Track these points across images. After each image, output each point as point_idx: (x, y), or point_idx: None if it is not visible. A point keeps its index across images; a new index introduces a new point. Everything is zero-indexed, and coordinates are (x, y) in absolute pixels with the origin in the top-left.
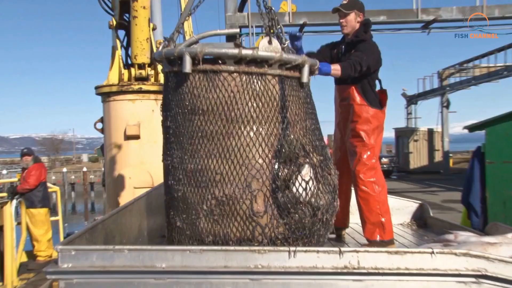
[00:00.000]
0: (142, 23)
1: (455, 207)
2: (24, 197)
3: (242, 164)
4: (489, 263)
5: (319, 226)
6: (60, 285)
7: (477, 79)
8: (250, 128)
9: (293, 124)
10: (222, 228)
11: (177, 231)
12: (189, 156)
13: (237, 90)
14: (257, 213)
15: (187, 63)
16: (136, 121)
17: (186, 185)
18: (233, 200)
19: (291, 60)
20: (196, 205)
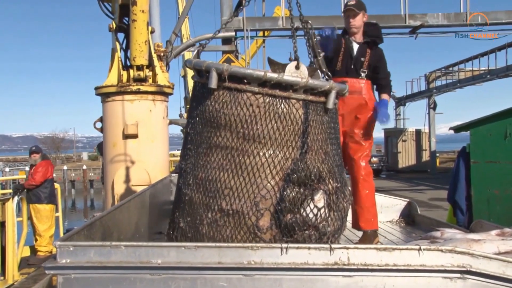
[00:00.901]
0: (141, 26)
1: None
2: (32, 193)
3: (254, 182)
4: (473, 259)
5: None
6: (58, 280)
7: (462, 82)
8: (267, 149)
9: (312, 149)
10: (224, 238)
11: (179, 232)
12: (201, 164)
13: (258, 111)
14: (261, 229)
15: (213, 79)
16: (134, 121)
17: (195, 191)
18: (239, 215)
19: (317, 86)
20: (201, 212)
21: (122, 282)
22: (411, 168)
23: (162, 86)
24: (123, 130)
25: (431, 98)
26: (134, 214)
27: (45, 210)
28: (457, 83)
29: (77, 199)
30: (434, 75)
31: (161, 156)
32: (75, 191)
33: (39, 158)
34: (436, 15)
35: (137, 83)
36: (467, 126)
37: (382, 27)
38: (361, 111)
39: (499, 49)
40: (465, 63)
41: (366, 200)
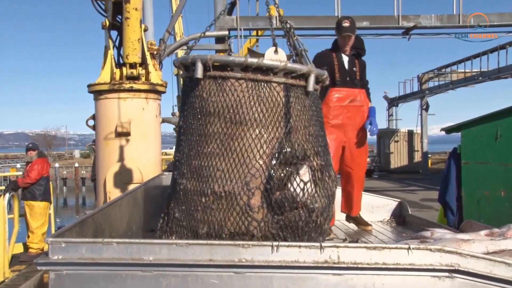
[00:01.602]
0: (134, 24)
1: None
2: (26, 190)
3: (243, 163)
4: (461, 258)
5: (311, 228)
6: (50, 276)
7: (454, 83)
8: (253, 131)
9: (295, 129)
10: (217, 220)
11: (174, 222)
12: (194, 153)
13: (242, 95)
14: (253, 208)
15: (199, 70)
16: (127, 119)
17: (189, 179)
18: (231, 196)
19: (296, 69)
20: (195, 198)
21: (114, 279)
22: (403, 168)
23: (155, 84)
24: (116, 128)
25: (423, 99)
26: (126, 212)
27: (39, 207)
28: (450, 85)
29: (69, 196)
30: (427, 76)
31: (153, 154)
32: (67, 189)
33: (35, 155)
34: (429, 16)
35: (130, 81)
36: (459, 127)
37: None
38: (362, 118)
39: (491, 51)
40: (458, 64)
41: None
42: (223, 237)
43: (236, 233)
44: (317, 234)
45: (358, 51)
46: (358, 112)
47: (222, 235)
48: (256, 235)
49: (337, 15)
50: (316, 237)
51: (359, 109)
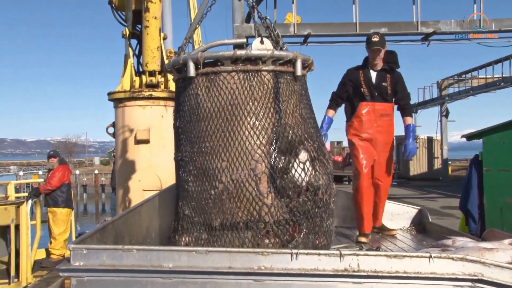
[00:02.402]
0: (153, 33)
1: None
2: (49, 197)
3: (246, 151)
4: (485, 268)
5: (320, 207)
6: (72, 283)
7: (475, 89)
8: (250, 119)
9: (288, 114)
10: (229, 210)
11: (185, 219)
12: (197, 149)
13: (236, 87)
14: (262, 194)
15: (190, 68)
16: (146, 126)
17: (196, 175)
18: (239, 184)
19: (283, 56)
20: (204, 192)
21: (134, 285)
22: (422, 175)
23: (174, 92)
24: (135, 136)
25: (443, 106)
26: (145, 219)
27: (61, 213)
28: (470, 91)
29: (89, 203)
30: (447, 82)
31: (172, 162)
32: (87, 196)
33: (56, 163)
34: (449, 21)
35: (149, 89)
36: (480, 134)
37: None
38: (391, 130)
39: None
40: (478, 70)
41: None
42: (238, 226)
43: (249, 220)
44: (327, 214)
45: (390, 65)
46: (389, 126)
47: (236, 224)
48: (268, 221)
49: (355, 21)
50: (327, 218)
51: (389, 123)
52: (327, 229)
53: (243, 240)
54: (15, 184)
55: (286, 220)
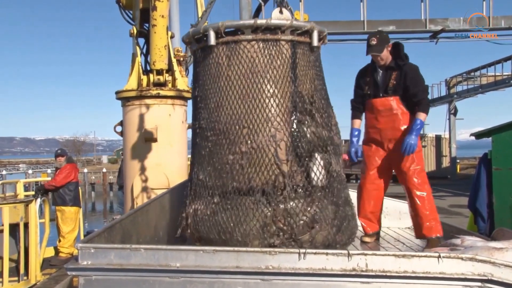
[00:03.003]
0: (160, 31)
1: (462, 212)
2: (57, 195)
3: (266, 117)
4: (495, 268)
5: (334, 177)
6: (80, 281)
7: (484, 87)
8: (270, 87)
9: (304, 83)
10: (247, 175)
11: (198, 184)
12: (216, 116)
13: (256, 56)
14: (281, 160)
15: (211, 37)
16: (153, 125)
17: (214, 141)
18: (259, 149)
19: (301, 26)
20: (222, 157)
21: (142, 285)
22: (431, 174)
23: (182, 90)
24: (143, 134)
25: (451, 104)
26: (153, 218)
27: (70, 212)
28: (479, 89)
29: (97, 201)
30: (455, 80)
31: (179, 160)
32: (95, 194)
33: (64, 161)
34: (457, 19)
35: (157, 88)
36: (489, 132)
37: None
38: (397, 125)
39: None
40: (487, 68)
41: (423, 208)
42: (254, 190)
43: (265, 186)
44: (340, 186)
45: (396, 61)
46: (394, 121)
47: (253, 188)
48: (284, 186)
49: (363, 19)
50: (342, 189)
51: (393, 118)
52: (346, 199)
53: (258, 203)
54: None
55: (300, 186)
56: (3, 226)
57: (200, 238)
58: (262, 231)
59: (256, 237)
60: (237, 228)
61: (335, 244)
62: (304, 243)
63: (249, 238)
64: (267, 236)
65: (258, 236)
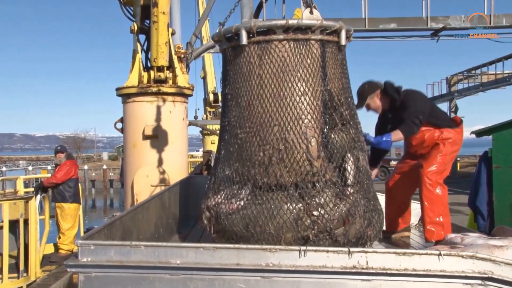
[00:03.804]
0: (161, 28)
1: (462, 210)
2: (56, 192)
3: (297, 115)
4: (495, 266)
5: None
6: (80, 278)
7: (484, 85)
8: (301, 86)
9: (332, 81)
10: (278, 172)
11: (224, 179)
12: (247, 113)
13: (287, 55)
14: (313, 156)
15: (243, 37)
16: (154, 122)
17: (243, 138)
18: (290, 146)
19: (330, 25)
20: (252, 155)
21: (142, 282)
22: None
23: (182, 87)
24: (143, 131)
25: (452, 102)
26: (153, 215)
27: (69, 209)
28: (480, 87)
29: (97, 198)
30: (456, 78)
31: (180, 157)
32: (95, 191)
33: (64, 158)
34: (458, 17)
35: (158, 84)
36: (490, 130)
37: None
38: (423, 148)
39: None
40: (488, 66)
41: (429, 211)
42: (286, 185)
43: (296, 182)
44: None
45: (393, 103)
46: (420, 142)
47: (284, 184)
48: (317, 181)
49: (364, 17)
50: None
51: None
52: (374, 194)
53: (291, 197)
54: (24, 179)
55: (335, 183)
56: (3, 223)
57: (220, 231)
58: (296, 224)
59: (289, 230)
60: (270, 222)
61: (366, 238)
62: (338, 237)
63: (282, 231)
64: (301, 229)
65: (291, 229)
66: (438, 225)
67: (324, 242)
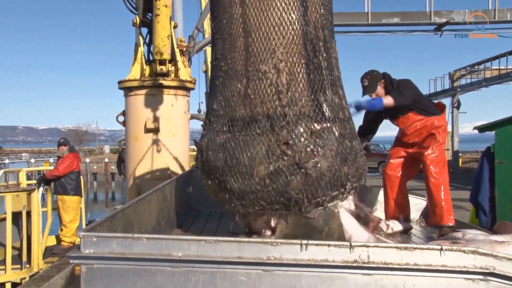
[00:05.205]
0: (164, 21)
1: (464, 205)
2: (58, 184)
3: (271, 46)
4: (497, 261)
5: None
6: (82, 270)
7: (487, 81)
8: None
9: (311, 11)
10: (253, 103)
11: (212, 113)
12: (228, 46)
13: None
14: (285, 87)
15: None
16: (156, 115)
17: (226, 70)
18: (264, 77)
19: None
20: (231, 86)
21: (143, 274)
22: None
23: (184, 81)
24: (145, 124)
25: (455, 97)
26: (155, 208)
27: (71, 201)
28: (483, 82)
29: (99, 191)
30: (459, 74)
31: (182, 151)
32: (97, 183)
33: (66, 150)
34: (462, 12)
35: (160, 78)
36: (492, 126)
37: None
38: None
39: None
40: (492, 61)
41: (437, 196)
42: (259, 117)
43: (271, 111)
44: (344, 117)
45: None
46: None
47: (258, 116)
48: (287, 113)
49: (367, 11)
50: (347, 121)
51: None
52: (351, 133)
53: (263, 129)
54: (26, 171)
55: (301, 115)
56: (6, 215)
57: (208, 171)
58: (267, 156)
59: (261, 161)
60: (245, 153)
61: (343, 176)
62: (309, 170)
63: (255, 163)
64: (272, 161)
65: (263, 161)
66: (448, 209)
67: (296, 176)
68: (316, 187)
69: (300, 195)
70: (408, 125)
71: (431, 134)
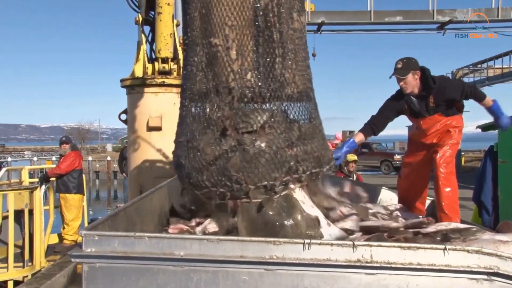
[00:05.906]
0: (166, 19)
1: (467, 204)
2: (60, 182)
3: (221, 17)
4: (501, 261)
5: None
6: (84, 269)
7: (490, 79)
8: None
9: None
10: (206, 78)
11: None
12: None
13: None
14: (232, 59)
15: None
16: (158, 113)
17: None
18: (215, 50)
19: None
20: (191, 60)
21: (145, 273)
22: None
23: None
24: (147, 123)
25: None
26: (157, 206)
27: (73, 199)
28: (486, 81)
29: (101, 189)
30: (462, 72)
31: None
32: (99, 182)
33: (69, 149)
34: (465, 10)
35: (162, 76)
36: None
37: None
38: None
39: None
40: (495, 60)
41: (447, 198)
42: (209, 92)
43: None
44: (293, 93)
45: (427, 91)
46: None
47: (209, 90)
48: (234, 86)
49: (370, 9)
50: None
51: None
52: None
53: (212, 104)
54: (29, 169)
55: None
56: (8, 212)
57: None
58: (212, 132)
59: (208, 139)
60: (193, 127)
61: (289, 157)
62: (246, 146)
63: (204, 142)
64: (215, 137)
65: (212, 141)
66: (455, 212)
67: (236, 152)
68: (256, 164)
69: (240, 175)
70: (431, 125)
71: (447, 132)
